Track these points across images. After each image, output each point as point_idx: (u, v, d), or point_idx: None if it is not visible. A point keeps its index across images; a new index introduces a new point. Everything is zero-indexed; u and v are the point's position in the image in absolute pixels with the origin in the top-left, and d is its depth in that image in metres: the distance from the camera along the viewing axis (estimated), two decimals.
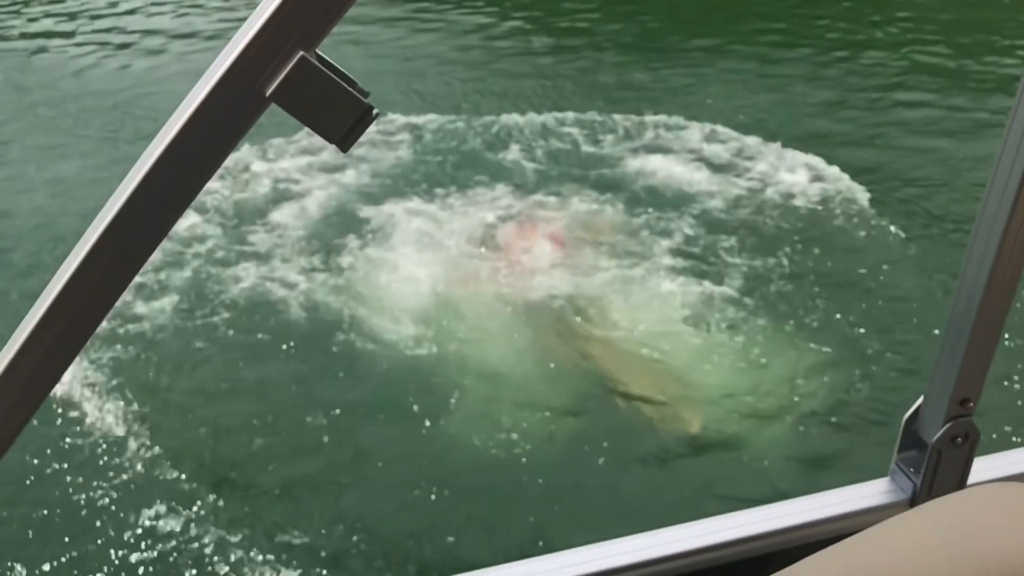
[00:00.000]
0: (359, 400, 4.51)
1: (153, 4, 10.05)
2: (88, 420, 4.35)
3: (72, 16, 9.81)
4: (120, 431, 4.30)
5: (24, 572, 3.63)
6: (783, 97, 7.63)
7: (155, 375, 4.68)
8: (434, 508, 3.91)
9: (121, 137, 7.12)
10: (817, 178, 6.24)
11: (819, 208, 5.94)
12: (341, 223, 5.88)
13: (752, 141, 6.71)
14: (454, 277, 5.32)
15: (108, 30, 9.43)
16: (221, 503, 3.96)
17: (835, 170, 6.30)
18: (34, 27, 9.57)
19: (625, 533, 1.24)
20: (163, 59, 8.70)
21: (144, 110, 7.50)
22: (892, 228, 5.70)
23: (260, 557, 3.69)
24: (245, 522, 3.87)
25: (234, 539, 3.77)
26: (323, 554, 3.72)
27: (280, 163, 6.52)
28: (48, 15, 9.83)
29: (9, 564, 3.65)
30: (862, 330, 4.88)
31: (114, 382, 4.60)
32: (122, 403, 4.47)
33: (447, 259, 5.47)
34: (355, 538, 3.77)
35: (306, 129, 0.64)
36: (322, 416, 4.39)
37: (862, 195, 6.04)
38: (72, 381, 4.52)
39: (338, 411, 4.43)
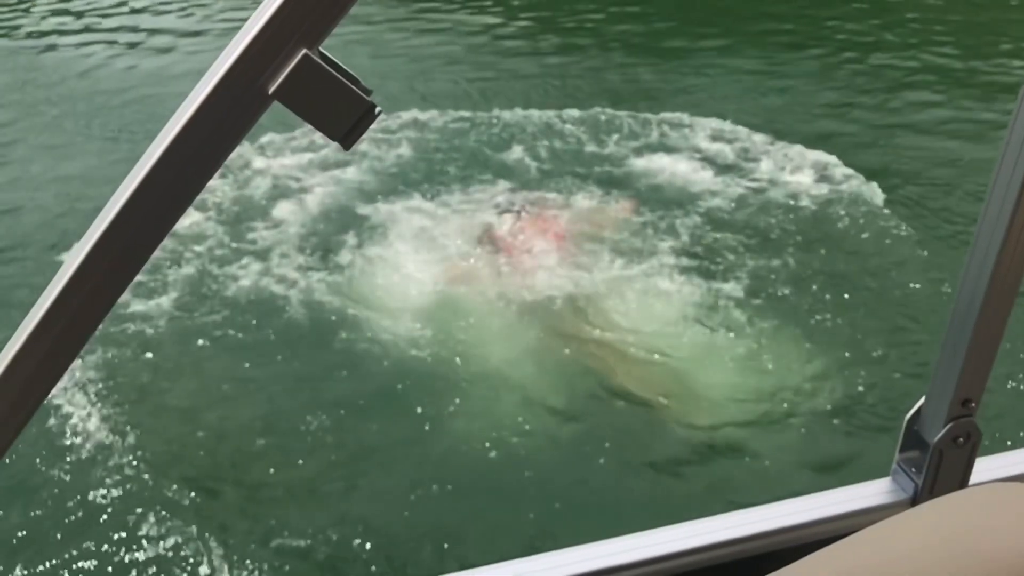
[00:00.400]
0: (361, 399, 4.50)
1: (161, 3, 10.08)
2: (84, 419, 4.36)
3: (79, 15, 9.83)
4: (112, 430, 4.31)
5: (21, 574, 3.64)
6: (791, 97, 7.62)
7: (152, 374, 4.69)
8: (435, 509, 3.91)
9: (125, 136, 7.13)
10: (824, 178, 6.23)
11: (825, 208, 5.92)
12: (341, 220, 5.89)
13: (759, 140, 6.70)
14: (456, 274, 5.32)
15: (116, 29, 9.46)
16: (221, 504, 3.96)
17: (842, 170, 6.29)
18: (42, 26, 9.60)
19: (626, 533, 1.24)
20: (171, 58, 8.72)
21: (152, 109, 7.51)
22: (899, 228, 5.69)
23: (258, 559, 3.70)
24: (244, 521, 3.87)
25: (232, 541, 3.77)
26: (320, 557, 3.72)
27: (287, 158, 6.54)
28: (56, 13, 9.86)
29: (3, 566, 3.66)
30: (868, 331, 4.86)
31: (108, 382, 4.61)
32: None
33: (449, 256, 5.47)
34: (356, 540, 3.77)
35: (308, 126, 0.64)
36: (324, 416, 4.38)
37: (869, 195, 6.03)
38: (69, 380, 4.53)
39: (342, 411, 4.42)
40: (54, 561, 3.67)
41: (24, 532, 3.79)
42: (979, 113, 7.18)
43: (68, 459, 4.12)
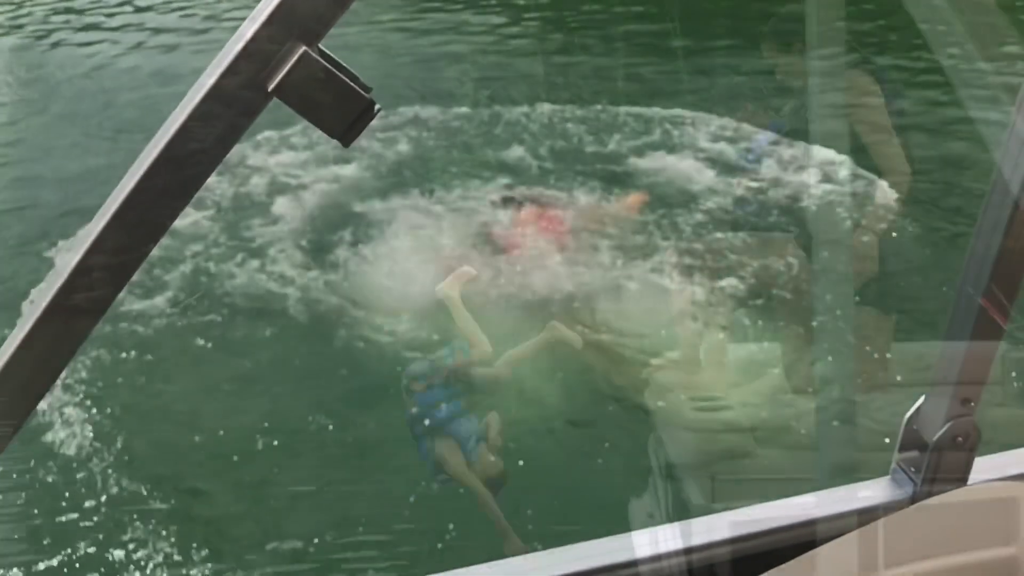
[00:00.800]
0: (360, 398, 4.50)
1: (164, 1, 10.08)
2: (82, 417, 4.36)
3: (82, 12, 9.84)
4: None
5: (20, 574, 3.64)
6: (795, 97, 7.60)
7: (149, 372, 4.69)
8: (435, 508, 3.90)
9: (125, 136, 7.13)
10: (828, 178, 6.22)
11: (828, 208, 5.91)
12: (340, 217, 5.89)
13: (764, 138, 6.68)
14: (455, 270, 5.30)
15: (120, 27, 9.46)
16: (221, 502, 3.96)
17: (846, 171, 6.27)
18: (46, 24, 9.61)
19: (626, 532, 1.24)
20: (176, 57, 8.72)
21: (154, 108, 7.51)
22: (904, 229, 5.68)
23: (256, 556, 3.70)
24: (243, 522, 3.88)
25: (229, 543, 3.76)
26: (320, 556, 3.72)
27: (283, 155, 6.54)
28: (59, 12, 9.86)
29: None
30: (870, 331, 4.85)
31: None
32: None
33: (450, 254, 5.47)
34: (355, 539, 3.77)
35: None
36: (322, 415, 4.38)
37: (873, 195, 6.01)
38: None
39: (341, 410, 4.42)
40: (51, 561, 3.68)
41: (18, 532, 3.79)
42: (985, 113, 7.16)
43: (63, 458, 4.13)
